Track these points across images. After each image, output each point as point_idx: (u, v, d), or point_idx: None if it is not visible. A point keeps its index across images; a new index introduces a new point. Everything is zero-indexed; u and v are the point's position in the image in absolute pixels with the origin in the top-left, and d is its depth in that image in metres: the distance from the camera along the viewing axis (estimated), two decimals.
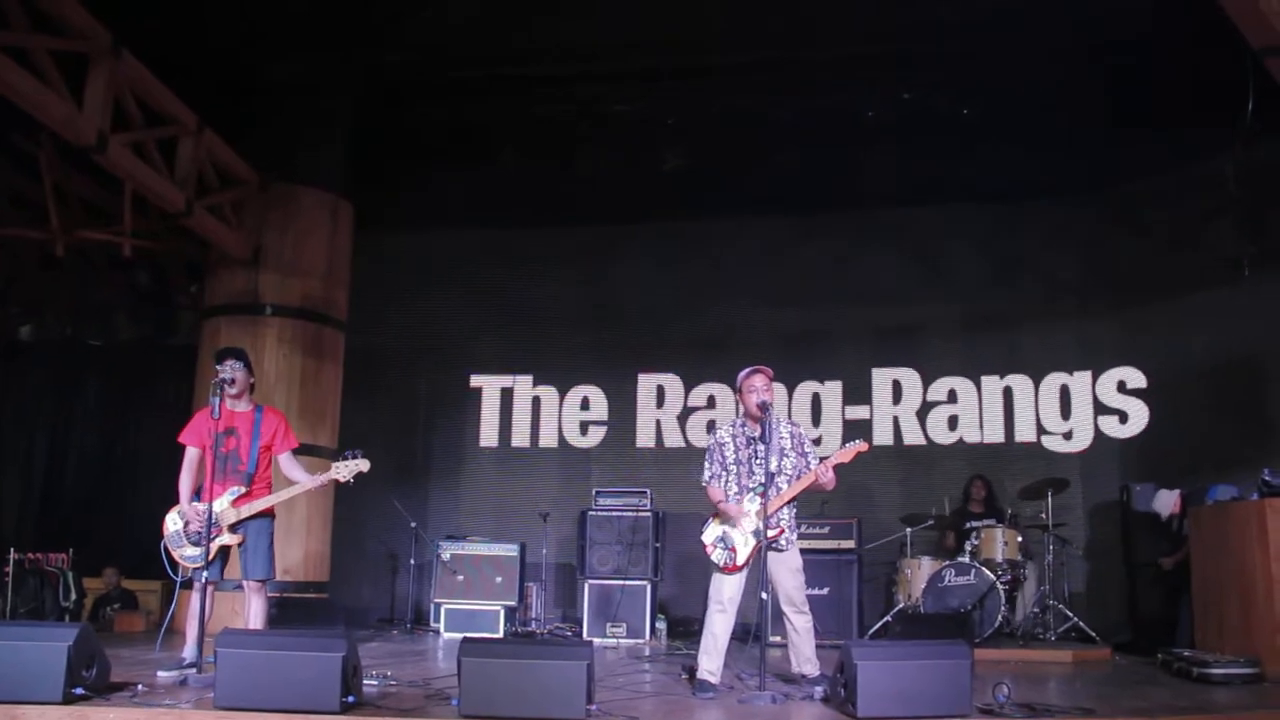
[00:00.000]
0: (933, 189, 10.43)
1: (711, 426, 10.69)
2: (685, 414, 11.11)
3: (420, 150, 10.68)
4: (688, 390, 11.14)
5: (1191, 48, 8.32)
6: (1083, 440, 10.32)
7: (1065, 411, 10.40)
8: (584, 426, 11.27)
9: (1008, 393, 10.57)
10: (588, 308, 11.42)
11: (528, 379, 11.41)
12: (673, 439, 11.09)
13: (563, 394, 11.32)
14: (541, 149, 10.64)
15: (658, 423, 11.16)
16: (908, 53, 9.32)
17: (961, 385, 10.66)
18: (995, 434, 10.53)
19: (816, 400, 10.86)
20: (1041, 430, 10.44)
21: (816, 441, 9.65)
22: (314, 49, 9.43)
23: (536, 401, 11.37)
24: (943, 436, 10.61)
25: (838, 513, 9.28)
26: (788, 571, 5.95)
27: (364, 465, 6.33)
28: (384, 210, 10.83)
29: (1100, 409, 10.27)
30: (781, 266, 11.03)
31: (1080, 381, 10.37)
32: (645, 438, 11.14)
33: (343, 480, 6.35)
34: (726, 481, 6.04)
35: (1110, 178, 10.17)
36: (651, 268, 11.29)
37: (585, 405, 11.29)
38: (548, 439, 11.30)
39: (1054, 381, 10.46)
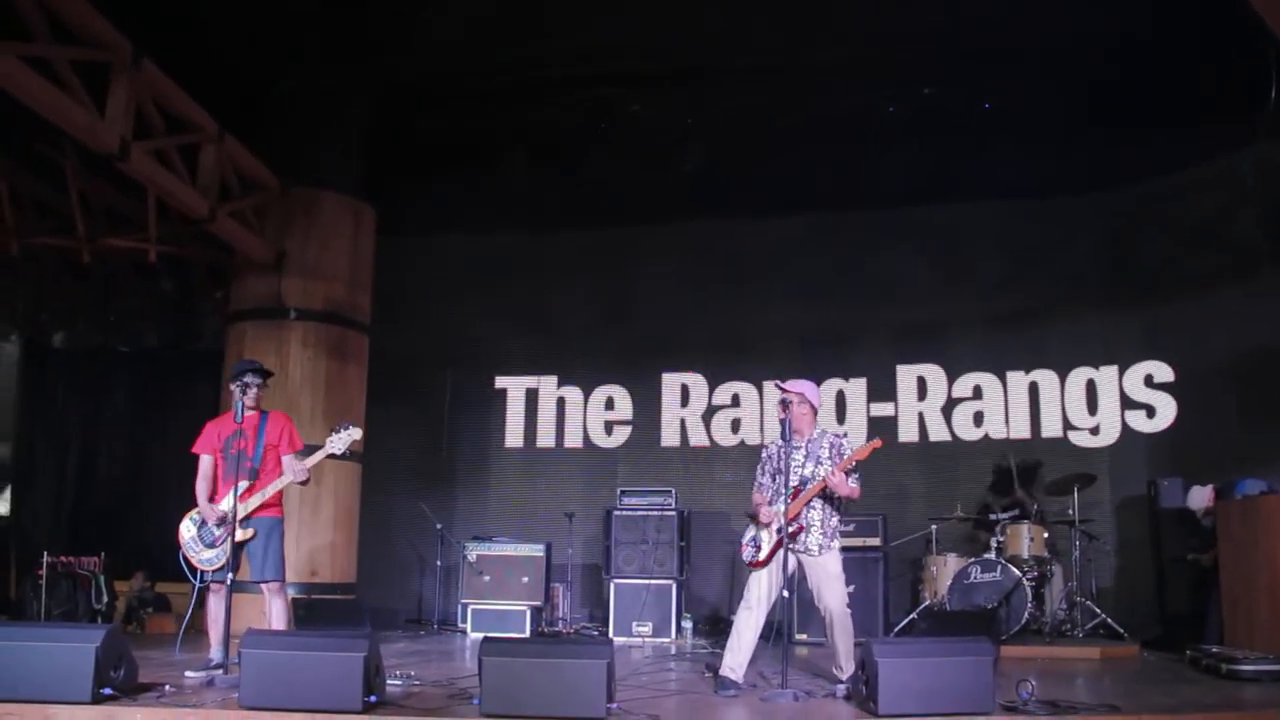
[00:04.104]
0: (954, 185, 10.36)
1: (737, 425, 10.89)
2: (710, 413, 11.09)
3: (440, 154, 10.74)
4: (712, 389, 11.11)
5: (1212, 45, 8.26)
6: (1110, 435, 10.19)
7: (1092, 406, 10.28)
8: (609, 426, 11.26)
9: (1033, 388, 10.46)
10: (611, 308, 11.42)
11: (552, 380, 11.41)
12: (697, 438, 11.07)
13: (587, 394, 11.31)
14: (560, 151, 10.72)
15: (682, 422, 11.14)
16: (924, 51, 9.28)
17: (987, 381, 10.57)
18: (1021, 429, 10.42)
19: (841, 398, 10.81)
20: (1068, 425, 10.32)
21: None
22: (331, 56, 9.50)
23: (561, 402, 11.38)
24: (968, 433, 10.52)
25: (864, 510, 9.22)
26: (826, 577, 5.92)
27: (356, 433, 6.42)
28: (405, 214, 10.89)
29: (1127, 403, 10.14)
30: (803, 264, 10.99)
31: (1107, 376, 10.25)
32: (670, 437, 11.13)
33: (339, 453, 6.43)
34: (770, 491, 6.08)
35: (1132, 172, 10.06)
36: (674, 267, 11.29)
37: (610, 405, 11.28)
38: (573, 439, 11.29)
39: (1080, 376, 10.34)
